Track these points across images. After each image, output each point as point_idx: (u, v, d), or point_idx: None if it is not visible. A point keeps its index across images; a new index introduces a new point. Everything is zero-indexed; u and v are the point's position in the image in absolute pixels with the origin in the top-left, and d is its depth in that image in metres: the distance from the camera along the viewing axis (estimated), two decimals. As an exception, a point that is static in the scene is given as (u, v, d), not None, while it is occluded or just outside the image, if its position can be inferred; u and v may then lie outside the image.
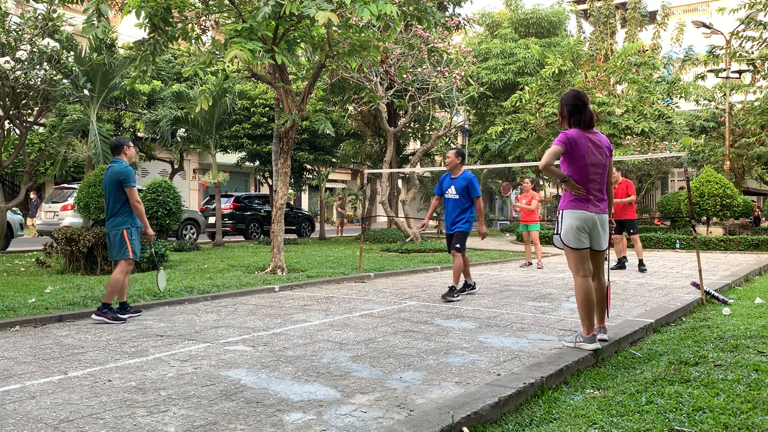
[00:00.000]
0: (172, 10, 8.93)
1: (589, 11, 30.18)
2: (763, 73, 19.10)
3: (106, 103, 16.52)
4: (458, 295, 7.39)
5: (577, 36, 29.80)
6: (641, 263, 10.65)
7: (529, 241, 11.89)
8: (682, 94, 22.45)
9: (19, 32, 11.55)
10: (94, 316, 5.99)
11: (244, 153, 21.14)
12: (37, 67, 11.99)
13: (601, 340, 4.65)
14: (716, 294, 7.16)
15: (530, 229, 11.75)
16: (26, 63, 11.76)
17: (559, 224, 4.59)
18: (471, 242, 17.06)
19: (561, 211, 4.59)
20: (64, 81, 12.91)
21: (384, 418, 3.23)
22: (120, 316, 6.03)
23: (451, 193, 7.58)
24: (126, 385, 3.87)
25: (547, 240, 17.33)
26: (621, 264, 10.79)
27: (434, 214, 24.02)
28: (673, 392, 3.57)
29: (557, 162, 4.61)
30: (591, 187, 4.49)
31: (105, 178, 6.19)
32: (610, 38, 29.18)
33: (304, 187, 27.76)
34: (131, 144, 6.37)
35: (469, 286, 7.91)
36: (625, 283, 9.16)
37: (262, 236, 21.23)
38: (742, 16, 18.21)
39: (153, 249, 8.23)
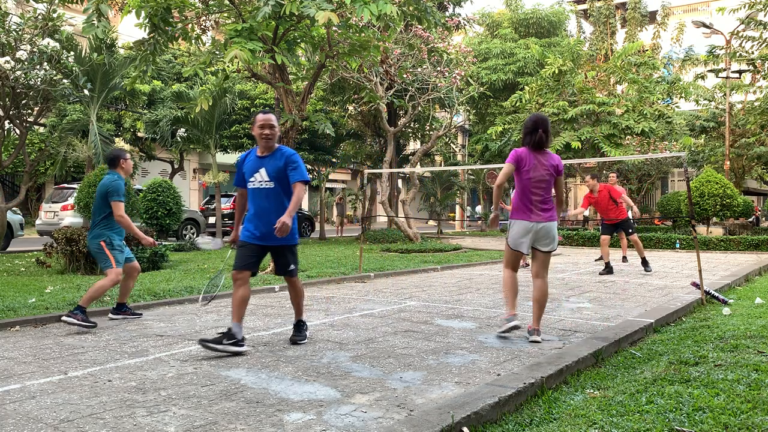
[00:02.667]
0: (172, 10, 8.93)
1: (589, 11, 30.20)
2: (763, 73, 19.11)
3: (106, 103, 16.52)
4: (306, 329, 5.22)
5: (577, 36, 29.80)
6: (644, 262, 10.36)
7: None
8: (682, 94, 22.46)
9: (19, 32, 11.56)
10: (64, 317, 5.61)
11: (244, 153, 21.13)
12: (37, 67, 12.00)
13: (533, 341, 5.01)
14: (716, 294, 7.16)
15: None
16: (26, 63, 11.77)
17: (509, 229, 5.26)
18: (471, 242, 17.12)
19: (510, 220, 5.24)
20: (64, 81, 12.92)
21: (384, 418, 3.23)
22: (91, 320, 5.65)
23: (260, 179, 4.90)
24: (126, 385, 3.87)
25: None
26: (609, 269, 10.52)
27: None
28: (673, 392, 3.57)
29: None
30: (533, 199, 5.08)
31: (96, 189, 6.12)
32: (610, 38, 29.19)
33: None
34: (128, 157, 6.24)
35: (300, 330, 5.18)
36: (625, 283, 9.16)
37: (262, 236, 21.19)
38: (742, 16, 18.22)
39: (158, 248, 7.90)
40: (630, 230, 10.64)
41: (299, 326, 5.18)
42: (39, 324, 5.92)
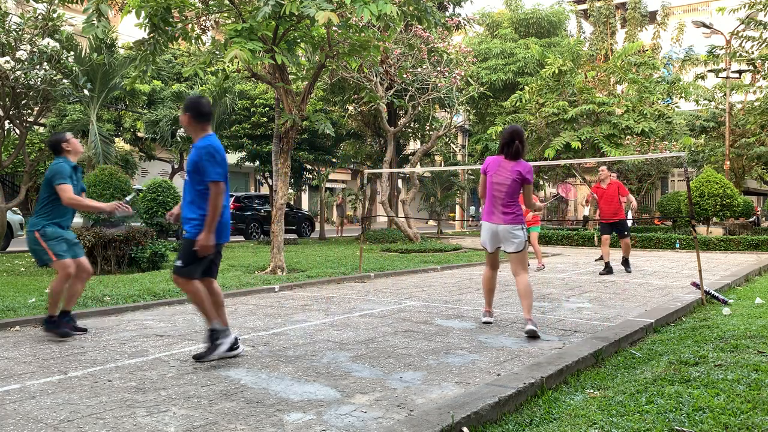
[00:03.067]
0: (172, 10, 8.93)
1: (589, 11, 30.19)
2: (763, 73, 19.11)
3: (106, 103, 16.52)
4: (220, 342, 4.41)
5: (577, 36, 29.79)
6: (625, 261, 10.53)
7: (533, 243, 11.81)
8: (682, 94, 22.45)
9: (19, 32, 11.56)
10: (40, 331, 5.42)
11: (244, 153, 21.14)
12: (37, 67, 12.00)
13: (528, 330, 5.20)
14: (716, 294, 7.16)
15: (530, 230, 11.68)
16: (26, 63, 11.76)
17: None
18: (471, 242, 17.16)
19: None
20: (64, 81, 12.91)
21: (384, 418, 3.23)
22: (68, 330, 5.31)
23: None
24: (126, 385, 3.87)
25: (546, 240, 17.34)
26: (608, 269, 10.49)
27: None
28: (673, 392, 3.57)
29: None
30: (495, 202, 5.42)
31: None
32: (610, 38, 29.19)
33: (304, 187, 27.77)
34: (70, 137, 5.58)
35: (217, 337, 4.41)
36: (625, 283, 9.16)
37: (262, 236, 21.24)
38: (742, 16, 18.22)
39: (124, 217, 6.21)
40: (625, 232, 10.60)
41: (210, 335, 4.44)
42: (39, 324, 5.91)
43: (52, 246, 5.27)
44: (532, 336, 5.15)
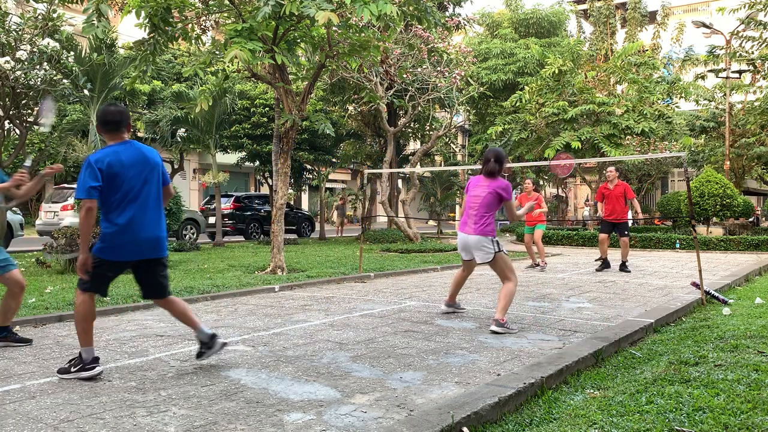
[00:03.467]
0: (172, 10, 8.93)
1: (589, 11, 30.19)
2: (763, 73, 19.12)
3: (106, 103, 16.51)
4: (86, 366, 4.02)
5: (577, 36, 29.80)
6: (623, 265, 10.73)
7: (531, 243, 11.81)
8: (682, 94, 22.45)
9: (19, 32, 11.56)
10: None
11: (244, 153, 21.13)
12: (37, 67, 12.00)
13: (491, 330, 5.41)
14: (716, 294, 7.16)
15: (536, 228, 11.66)
16: (26, 63, 11.76)
17: None
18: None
19: None
20: (64, 81, 12.91)
21: (384, 418, 3.23)
22: (24, 337, 5.08)
23: None
24: (126, 385, 3.87)
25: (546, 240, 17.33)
26: (605, 264, 10.79)
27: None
28: (673, 392, 3.57)
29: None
30: (469, 213, 5.78)
31: None
32: (610, 38, 29.19)
33: (304, 187, 27.73)
34: None
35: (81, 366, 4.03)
36: (625, 283, 9.16)
37: (262, 236, 21.22)
38: (742, 16, 18.22)
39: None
40: (626, 232, 10.81)
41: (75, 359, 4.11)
42: (39, 324, 5.92)
43: None
44: (494, 332, 5.38)
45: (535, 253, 11.85)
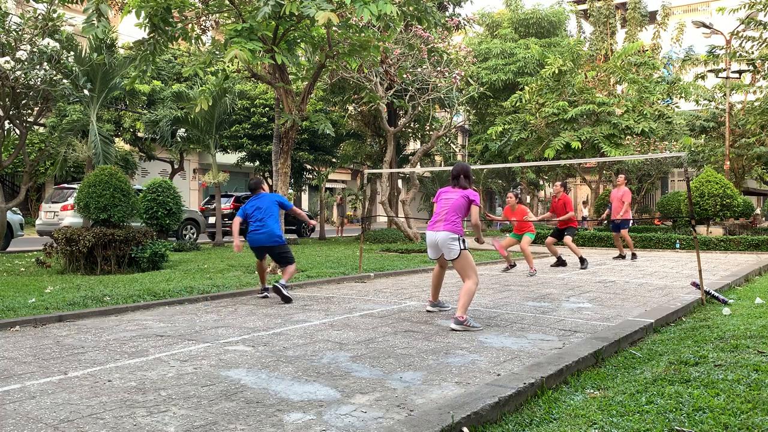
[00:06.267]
0: (172, 10, 8.93)
1: (589, 11, 30.16)
2: (763, 73, 19.10)
3: (106, 103, 16.51)
4: None
5: (577, 36, 29.78)
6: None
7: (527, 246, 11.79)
8: (682, 94, 22.44)
9: (19, 32, 11.56)
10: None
11: (244, 153, 21.13)
12: (37, 67, 12.00)
13: (451, 327, 5.60)
14: (716, 294, 7.16)
15: (525, 236, 11.60)
16: (26, 63, 11.77)
17: None
18: (470, 242, 17.19)
19: None
20: (64, 81, 12.91)
21: (384, 418, 3.23)
22: None
23: None
24: (126, 385, 3.87)
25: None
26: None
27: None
28: (673, 392, 3.57)
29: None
30: (439, 213, 6.13)
31: None
32: (610, 38, 29.17)
33: (304, 187, 27.76)
34: None
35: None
36: (625, 283, 9.16)
37: (262, 236, 21.18)
38: (742, 16, 18.21)
39: None
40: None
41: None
42: (39, 324, 5.92)
43: None
44: (453, 330, 5.54)
45: (511, 255, 11.96)
